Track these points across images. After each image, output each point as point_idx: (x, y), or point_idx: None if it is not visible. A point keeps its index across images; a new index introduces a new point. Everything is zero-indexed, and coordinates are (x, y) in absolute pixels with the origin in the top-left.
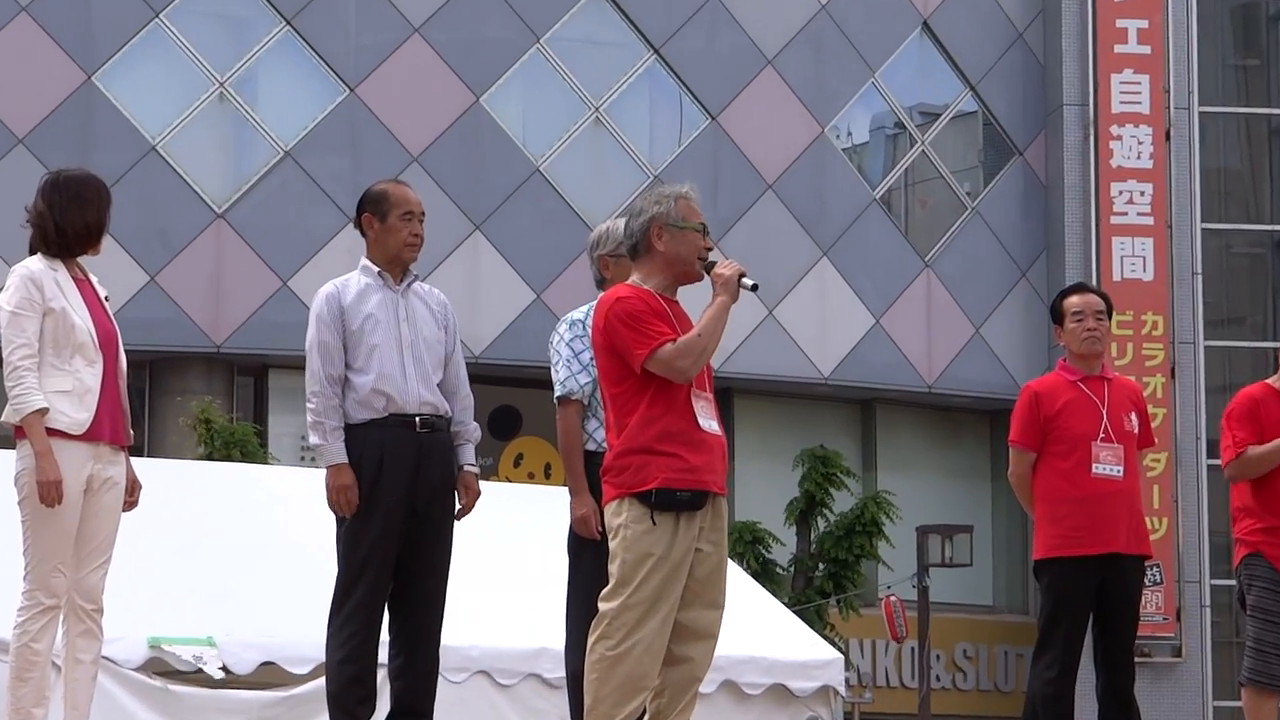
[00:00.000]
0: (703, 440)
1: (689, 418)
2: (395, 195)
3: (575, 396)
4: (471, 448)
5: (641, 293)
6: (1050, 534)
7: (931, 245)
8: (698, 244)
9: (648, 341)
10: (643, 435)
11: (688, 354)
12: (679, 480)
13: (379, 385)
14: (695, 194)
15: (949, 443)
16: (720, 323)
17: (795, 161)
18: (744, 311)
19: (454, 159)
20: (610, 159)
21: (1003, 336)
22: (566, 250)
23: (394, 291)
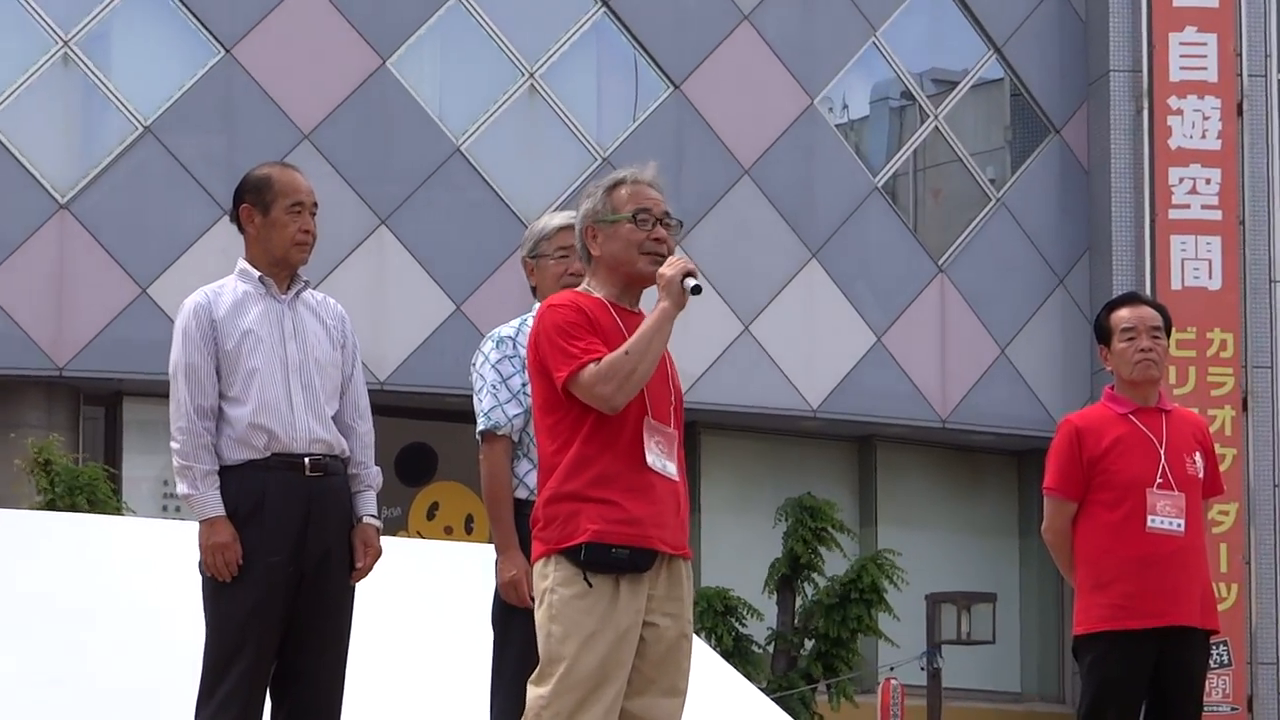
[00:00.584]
0: (650, 486)
1: (634, 457)
2: (281, 182)
3: (502, 431)
4: (373, 495)
5: (583, 300)
6: (1094, 603)
7: (946, 245)
8: (633, 238)
9: (569, 360)
10: (575, 478)
11: (610, 377)
12: (615, 533)
13: (259, 419)
14: (645, 175)
15: (967, 491)
16: (658, 337)
17: (778, 141)
18: (711, 326)
19: (354, 136)
20: (548, 137)
21: (1035, 359)
22: (493, 251)
23: (279, 301)
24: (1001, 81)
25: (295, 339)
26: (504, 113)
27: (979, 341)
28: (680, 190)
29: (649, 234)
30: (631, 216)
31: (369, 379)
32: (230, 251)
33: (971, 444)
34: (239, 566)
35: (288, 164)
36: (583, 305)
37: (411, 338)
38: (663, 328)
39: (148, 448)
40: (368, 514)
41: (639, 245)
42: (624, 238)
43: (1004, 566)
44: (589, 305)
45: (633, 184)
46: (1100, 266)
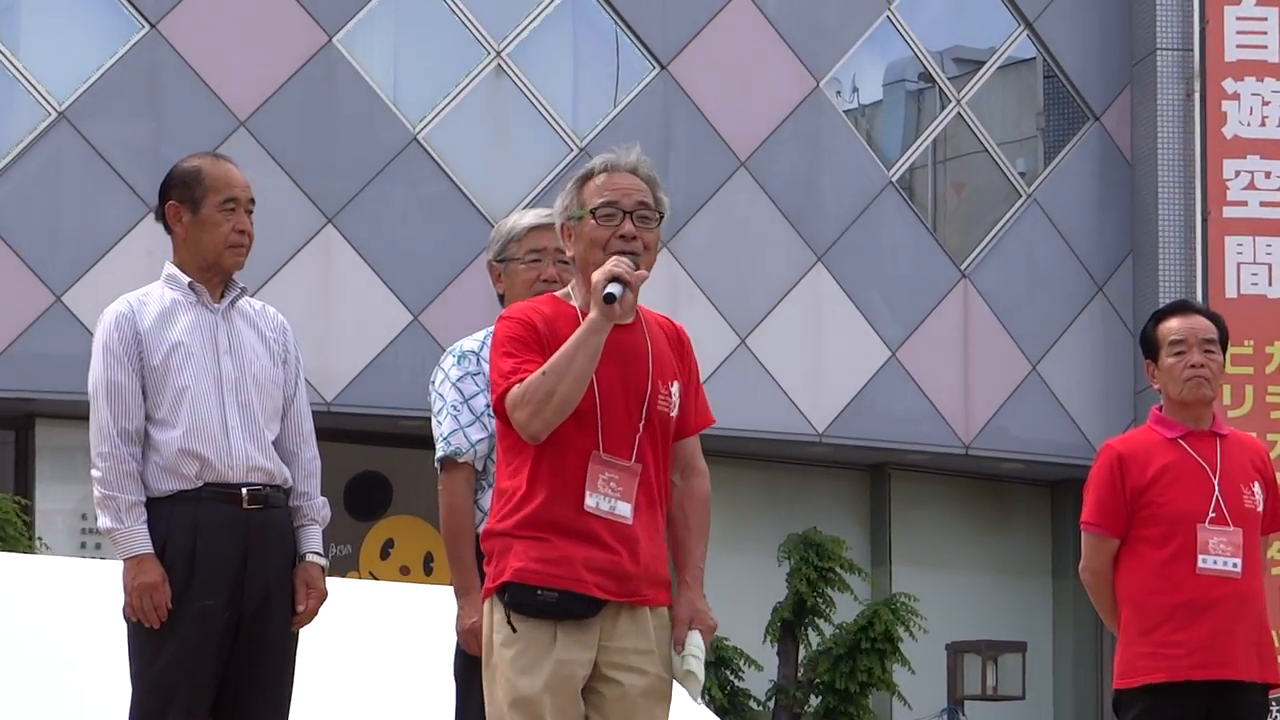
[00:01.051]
0: (587, 528)
1: (576, 496)
2: (212, 175)
3: (463, 459)
4: (319, 530)
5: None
6: (1137, 653)
7: (970, 247)
8: (596, 236)
9: (500, 380)
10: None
11: (525, 401)
12: (539, 573)
13: (190, 444)
14: (625, 160)
15: (994, 526)
16: (581, 353)
17: (778, 129)
18: (703, 340)
19: (297, 123)
20: (518, 124)
21: (1071, 376)
22: (456, 254)
23: (211, 311)
24: (1033, 61)
25: (230, 353)
26: (467, 96)
27: (1007, 356)
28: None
29: (614, 230)
30: (590, 211)
31: (314, 399)
32: (157, 254)
33: (999, 473)
34: (168, 611)
35: (220, 155)
36: (540, 316)
37: (362, 353)
38: (586, 342)
39: (64, 476)
40: (312, 551)
41: (603, 244)
42: (588, 236)
43: (1035, 611)
44: (552, 316)
45: (606, 173)
46: (1145, 271)
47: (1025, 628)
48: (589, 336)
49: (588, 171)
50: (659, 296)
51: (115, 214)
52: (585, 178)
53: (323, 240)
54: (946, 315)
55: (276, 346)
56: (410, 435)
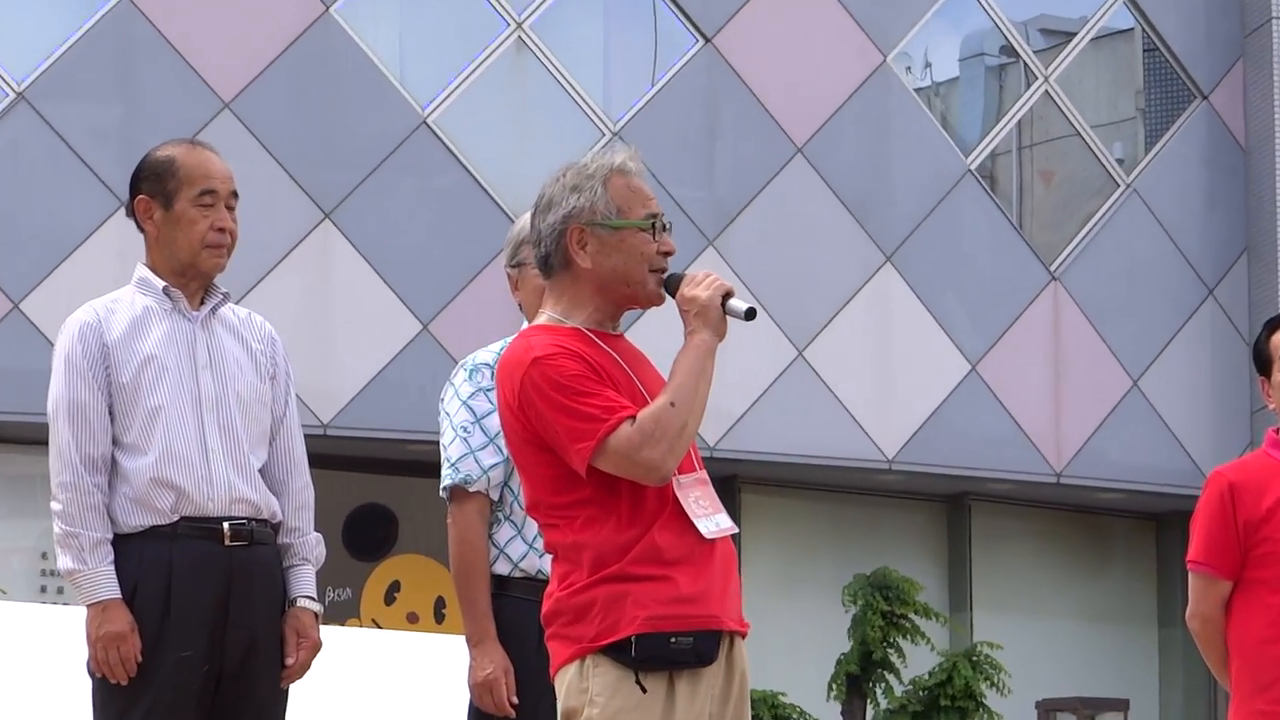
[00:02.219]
0: (705, 553)
1: (679, 520)
2: (188, 165)
3: (475, 487)
4: (312, 572)
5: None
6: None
7: (1061, 245)
8: (646, 250)
9: (590, 427)
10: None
11: (659, 438)
12: (672, 618)
13: (164, 472)
14: (635, 161)
15: (1091, 565)
16: (704, 380)
17: (840, 110)
18: (755, 353)
19: (289, 105)
20: (541, 106)
21: (1177, 392)
22: (470, 254)
23: (189, 320)
24: (1131, 32)
25: (211, 368)
26: (483, 74)
27: (1104, 370)
28: (713, 175)
29: (658, 245)
30: (649, 224)
31: (309, 421)
32: (128, 255)
33: (1095, 504)
34: (138, 664)
35: (199, 142)
36: (571, 346)
37: (364, 368)
38: (705, 365)
39: (21, 510)
40: (304, 595)
41: (649, 260)
42: (635, 250)
43: (1138, 664)
44: (575, 343)
45: (631, 175)
46: (1261, 272)
47: (1127, 682)
48: (705, 360)
49: (615, 166)
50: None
51: (81, 209)
52: (613, 173)
53: (319, 239)
54: (1034, 323)
55: (264, 360)
56: (418, 462)
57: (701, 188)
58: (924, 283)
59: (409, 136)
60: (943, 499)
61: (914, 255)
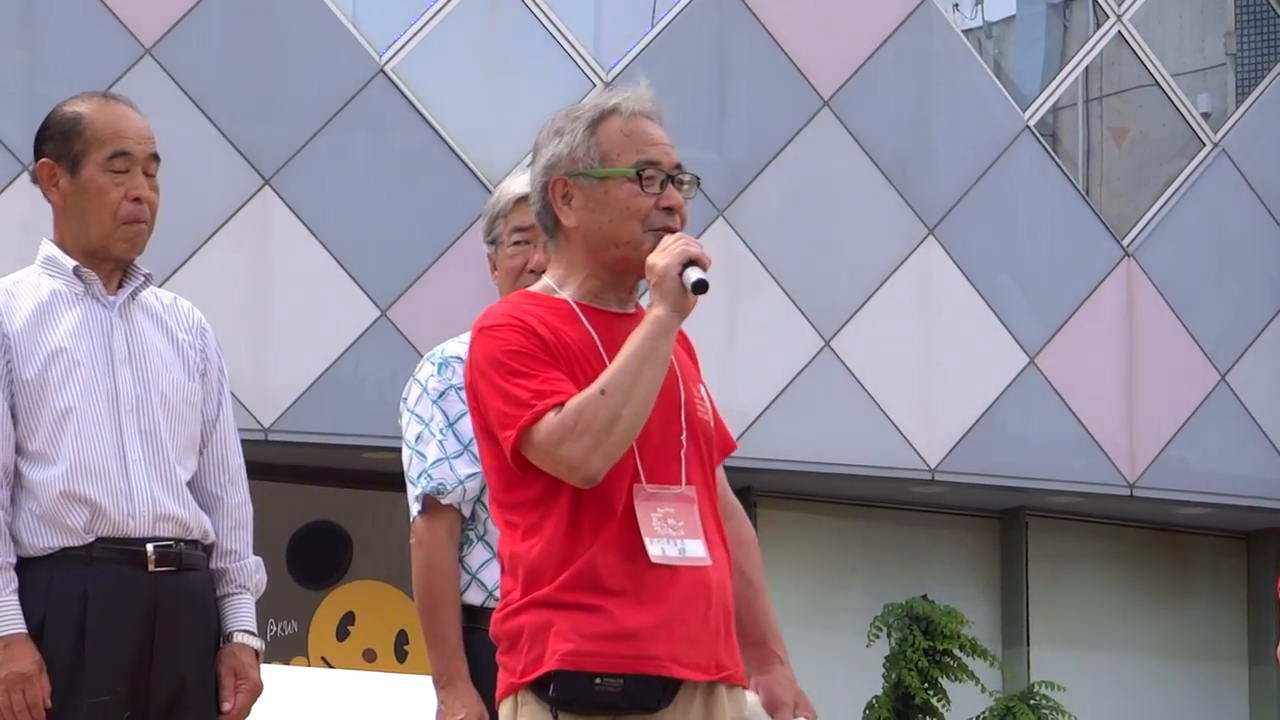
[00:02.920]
0: (657, 581)
1: (632, 538)
2: (97, 123)
3: (447, 499)
4: (251, 601)
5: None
6: None
7: (1136, 215)
8: (635, 204)
9: (517, 411)
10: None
11: (580, 432)
12: (597, 655)
13: (76, 485)
14: (643, 100)
15: (1170, 592)
16: (650, 363)
17: (874, 55)
18: (774, 342)
19: (221, 51)
20: (521, 51)
21: (1272, 389)
22: (436, 227)
23: (105, 306)
24: None
25: (130, 363)
26: (452, 14)
27: (1186, 363)
28: (723, 134)
29: (658, 199)
30: (635, 172)
31: (247, 425)
32: (32, 229)
33: (1175, 520)
34: (46, 711)
35: (114, 95)
36: (532, 319)
37: (311, 362)
38: (657, 348)
39: None
40: (242, 629)
41: (643, 217)
42: (620, 204)
43: (1226, 707)
44: (545, 316)
45: (630, 116)
46: None
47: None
48: (657, 340)
49: (603, 111)
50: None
51: None
52: (599, 119)
53: (257, 209)
54: (1103, 308)
55: (193, 354)
56: (376, 472)
57: (710, 148)
58: (974, 260)
59: (363, 88)
60: (995, 515)
61: (961, 228)
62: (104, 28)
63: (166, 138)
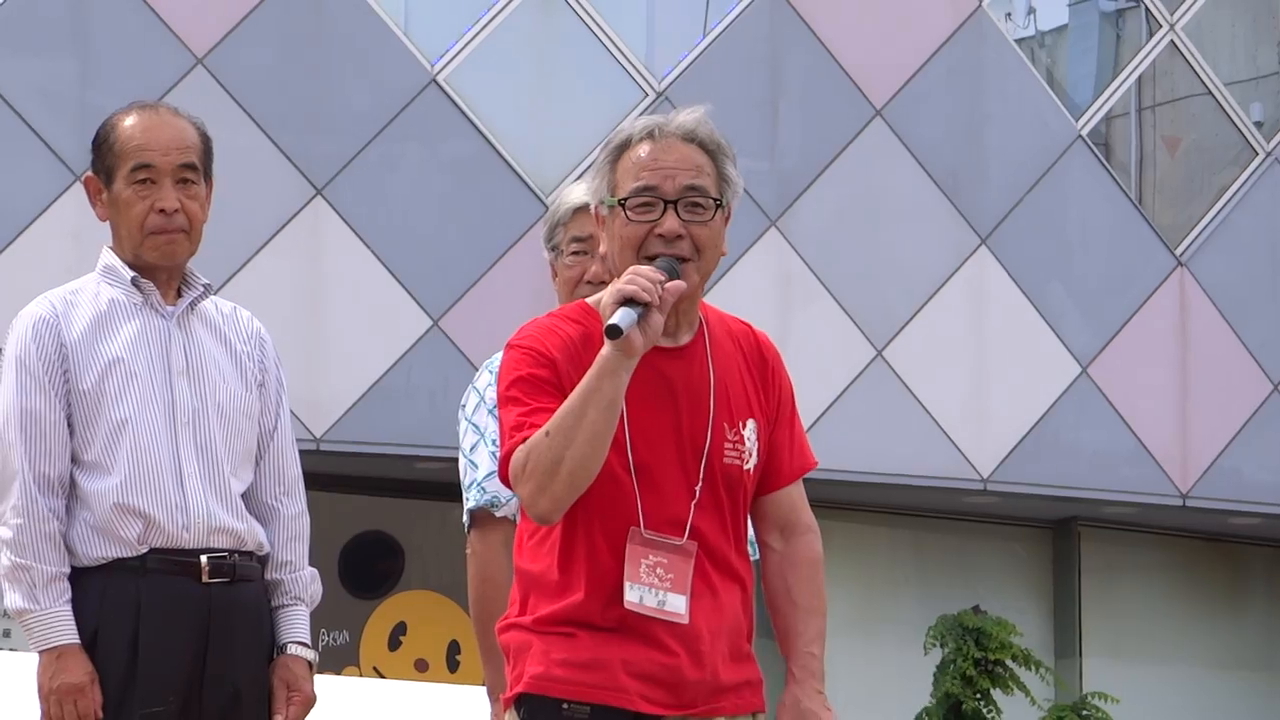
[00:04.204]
0: (642, 623)
1: (614, 586)
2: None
3: (502, 511)
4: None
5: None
6: None
7: (1189, 225)
8: (626, 232)
9: (507, 437)
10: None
11: (529, 473)
12: (562, 682)
13: (131, 497)
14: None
15: (1224, 603)
16: (594, 403)
17: (927, 65)
18: (824, 352)
19: (273, 61)
20: (573, 61)
21: None
22: (489, 236)
23: (163, 316)
24: None
25: (188, 375)
26: (504, 24)
27: (1239, 372)
28: (776, 144)
29: (652, 228)
30: (618, 200)
31: (300, 435)
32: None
33: (1228, 530)
34: None
35: (156, 105)
36: (561, 341)
37: (364, 372)
38: (598, 389)
39: None
40: (295, 640)
41: (637, 246)
42: (616, 233)
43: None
44: (579, 340)
45: (650, 141)
46: None
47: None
48: (601, 380)
49: (624, 139)
50: (765, 294)
51: (30, 183)
52: (621, 148)
53: (309, 219)
54: (1156, 317)
55: (250, 364)
56: (428, 482)
57: (763, 158)
58: (1026, 270)
59: (416, 98)
60: (1047, 525)
61: (1014, 237)
62: (155, 38)
63: (218, 148)
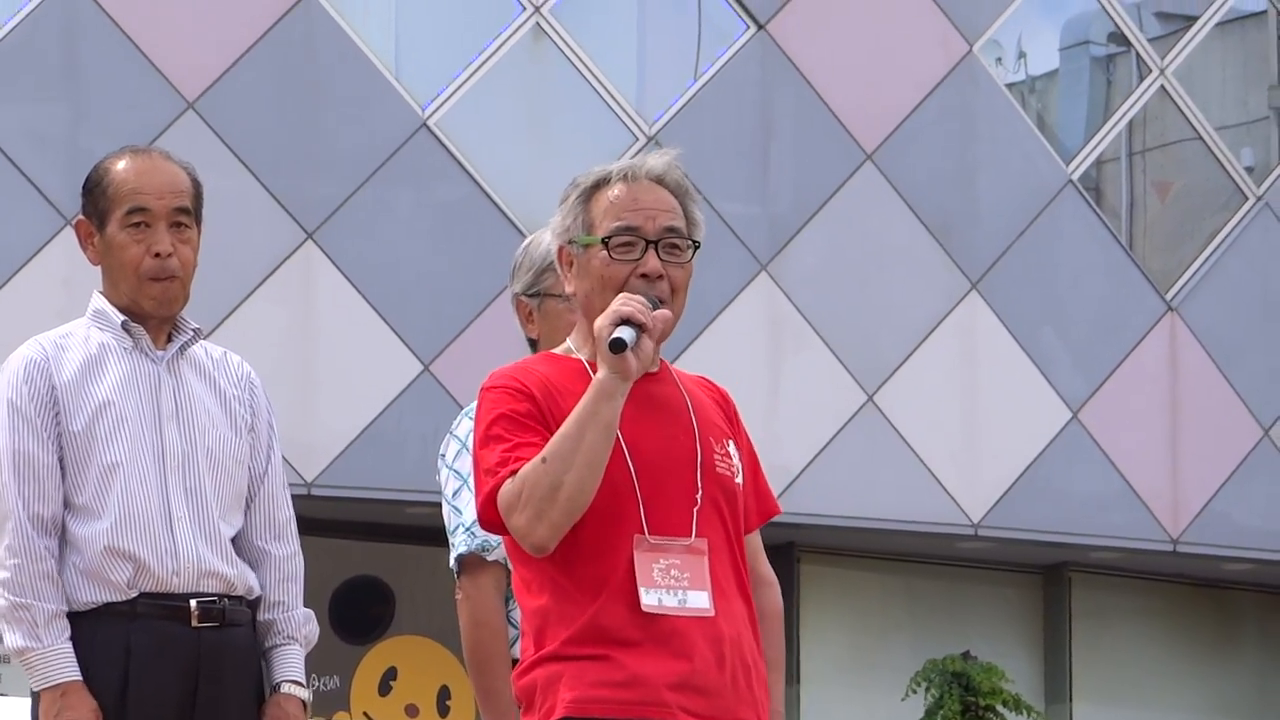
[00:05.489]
0: (666, 630)
1: (630, 595)
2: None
3: (493, 556)
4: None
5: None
6: None
7: (1179, 270)
8: (607, 272)
9: (485, 478)
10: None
11: (525, 501)
12: (602, 702)
13: (122, 540)
14: (651, 167)
15: (1215, 650)
16: (592, 427)
17: (918, 109)
18: (815, 396)
19: (265, 105)
20: (563, 105)
21: None
22: (478, 280)
23: (153, 360)
24: (1264, 16)
25: (177, 419)
26: (494, 68)
27: (1229, 417)
28: (766, 188)
29: (634, 267)
30: (602, 240)
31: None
32: (75, 283)
33: (1220, 577)
34: None
35: (148, 149)
36: (536, 380)
37: (356, 417)
38: (597, 412)
39: None
40: (288, 679)
41: (617, 286)
42: (595, 273)
43: None
44: (553, 379)
45: (625, 183)
46: None
47: None
48: (599, 404)
49: (598, 180)
50: (755, 338)
51: (19, 227)
52: (594, 188)
53: (300, 263)
54: (1147, 361)
55: (240, 409)
56: (418, 527)
57: (753, 202)
58: (1017, 314)
59: (406, 141)
60: (1038, 570)
61: (1005, 281)
62: (146, 81)
63: (209, 193)
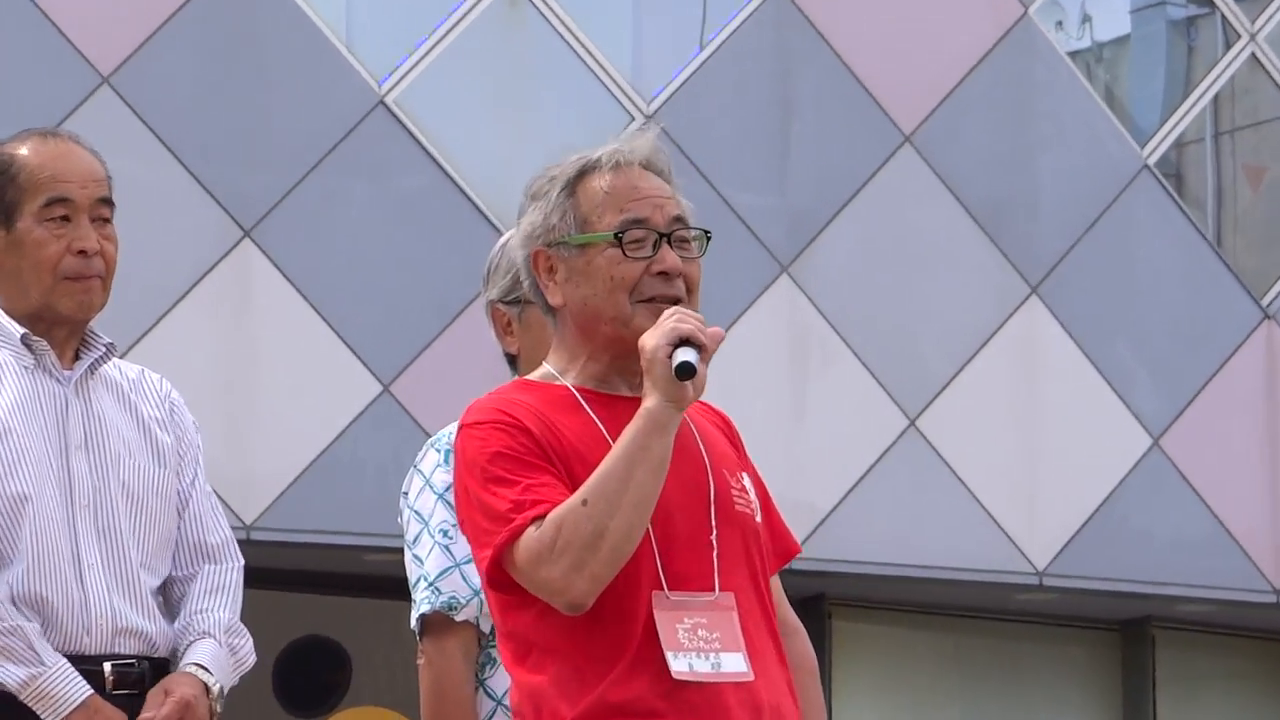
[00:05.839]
0: (696, 698)
1: (658, 654)
2: (30, 166)
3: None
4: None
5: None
6: None
7: (1276, 271)
8: (618, 271)
9: (494, 527)
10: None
11: (560, 550)
12: None
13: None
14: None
15: None
16: (642, 462)
17: (963, 83)
18: (847, 425)
19: (194, 80)
20: (546, 78)
21: None
22: (447, 284)
23: (59, 381)
24: None
25: (86, 449)
26: (463, 36)
27: None
28: (785, 176)
29: (649, 265)
30: (614, 235)
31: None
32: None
33: None
34: None
35: (57, 132)
36: (521, 411)
37: (302, 448)
38: (649, 446)
39: None
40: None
41: (630, 287)
42: (602, 273)
43: None
44: (539, 406)
45: (614, 169)
46: None
47: None
48: (650, 437)
49: (581, 168)
50: (775, 353)
51: None
52: (578, 178)
53: (237, 264)
54: (1240, 378)
55: (164, 435)
56: (378, 576)
57: (771, 193)
58: (1084, 323)
59: (360, 122)
60: (1115, 626)
61: (1070, 284)
62: (54, 53)
63: (127, 181)
